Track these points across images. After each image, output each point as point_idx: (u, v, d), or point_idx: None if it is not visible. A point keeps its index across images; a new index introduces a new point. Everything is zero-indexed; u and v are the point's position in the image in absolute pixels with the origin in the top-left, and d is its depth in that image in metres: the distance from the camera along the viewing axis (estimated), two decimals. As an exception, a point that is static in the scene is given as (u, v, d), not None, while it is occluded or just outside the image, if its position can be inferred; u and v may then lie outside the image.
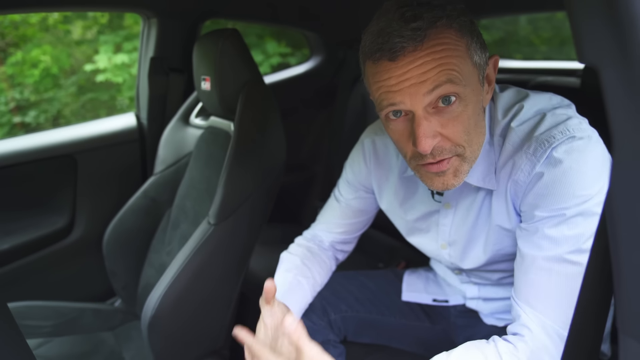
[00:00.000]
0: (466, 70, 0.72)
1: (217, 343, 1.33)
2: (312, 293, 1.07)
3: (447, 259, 1.01)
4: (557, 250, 0.72)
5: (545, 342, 0.70)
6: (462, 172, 0.79)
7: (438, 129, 0.73)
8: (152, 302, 1.17)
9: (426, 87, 0.70)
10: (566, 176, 0.73)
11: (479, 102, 0.76)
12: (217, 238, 1.21)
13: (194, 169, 1.51)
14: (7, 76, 5.14)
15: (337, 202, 1.14)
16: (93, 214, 1.72)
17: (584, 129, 0.76)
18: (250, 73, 1.29)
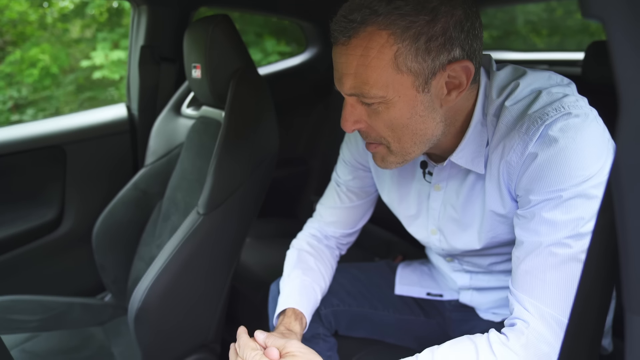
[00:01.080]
0: (386, 81, 0.70)
1: (207, 337, 1.29)
2: (320, 299, 1.05)
3: (437, 244, 0.98)
4: (555, 235, 0.68)
5: (543, 330, 0.67)
6: (390, 162, 0.80)
7: (364, 117, 0.76)
8: (139, 294, 1.14)
9: (346, 87, 0.74)
10: (562, 156, 0.68)
11: (413, 106, 0.73)
12: (206, 228, 1.17)
13: (186, 159, 1.47)
14: (5, 74, 5.12)
15: (337, 186, 1.11)
16: (82, 206, 1.68)
17: (581, 106, 0.72)
18: (241, 60, 1.25)
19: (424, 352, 0.72)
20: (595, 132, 0.70)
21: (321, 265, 1.05)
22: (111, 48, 5.05)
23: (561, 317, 0.66)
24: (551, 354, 0.66)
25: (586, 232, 0.67)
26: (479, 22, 0.72)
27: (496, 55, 1.96)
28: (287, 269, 1.04)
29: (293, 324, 0.91)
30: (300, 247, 1.08)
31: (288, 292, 0.97)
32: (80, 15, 5.43)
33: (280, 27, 5.69)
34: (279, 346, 0.77)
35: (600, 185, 0.67)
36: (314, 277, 1.01)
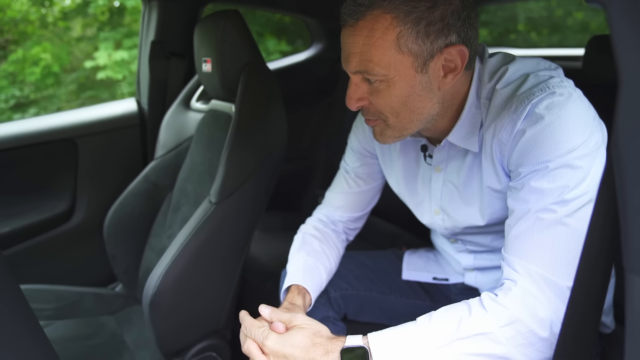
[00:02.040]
0: (389, 60, 0.76)
1: (218, 323, 1.33)
2: (327, 280, 1.08)
3: (441, 224, 1.02)
4: (542, 202, 0.73)
5: (530, 286, 0.71)
6: (388, 136, 0.87)
7: (367, 95, 0.82)
8: (153, 281, 1.17)
9: (352, 66, 0.79)
10: (547, 131, 0.74)
11: (412, 86, 0.79)
12: (218, 217, 1.20)
13: (195, 152, 1.50)
14: (7, 73, 5.13)
15: (346, 173, 1.15)
16: (94, 198, 1.71)
17: (565, 86, 0.77)
18: (251, 54, 1.29)
19: (423, 315, 0.77)
20: (579, 109, 0.75)
21: (326, 247, 1.09)
22: (114, 48, 5.08)
23: (547, 274, 0.71)
24: (537, 306, 0.70)
25: (570, 198, 0.72)
26: (475, 13, 0.80)
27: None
28: (292, 251, 1.09)
29: (296, 298, 0.95)
30: (306, 230, 1.13)
31: (292, 271, 1.02)
32: (81, 13, 5.44)
33: (281, 27, 5.72)
34: (284, 320, 0.81)
35: (584, 156, 0.72)
36: (317, 258, 1.05)
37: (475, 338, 0.70)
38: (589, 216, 0.70)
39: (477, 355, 0.70)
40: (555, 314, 0.70)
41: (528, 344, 0.70)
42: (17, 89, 5.13)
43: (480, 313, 0.72)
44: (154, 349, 1.37)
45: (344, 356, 0.75)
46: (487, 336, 0.70)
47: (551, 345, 0.71)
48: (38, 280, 1.61)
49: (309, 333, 0.78)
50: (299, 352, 0.76)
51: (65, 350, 1.31)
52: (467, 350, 0.70)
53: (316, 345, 0.76)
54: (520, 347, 0.70)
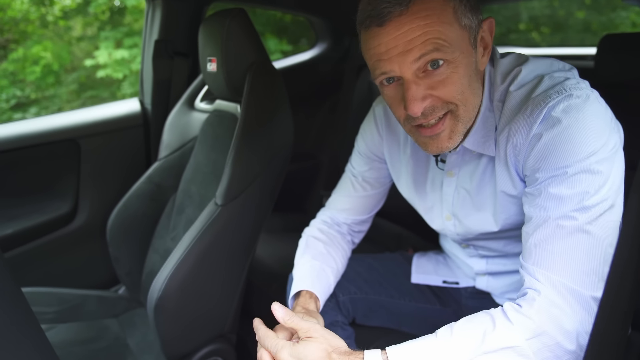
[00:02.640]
0: (453, 35, 0.72)
1: (224, 327, 1.31)
2: (335, 282, 1.06)
3: (453, 230, 1.00)
4: (561, 209, 0.71)
5: (553, 296, 0.69)
6: (457, 133, 0.80)
7: (428, 91, 0.75)
8: (158, 284, 1.15)
9: (413, 55, 0.72)
10: (565, 135, 0.72)
11: (470, 64, 0.76)
12: (224, 219, 1.18)
13: (200, 153, 1.48)
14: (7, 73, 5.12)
15: (353, 177, 1.13)
16: (97, 199, 1.70)
17: (582, 88, 0.75)
18: (257, 53, 1.27)
19: (442, 328, 0.74)
20: (597, 111, 0.73)
21: (331, 249, 1.06)
22: (114, 47, 5.06)
23: (570, 284, 0.69)
24: (563, 317, 0.68)
25: (591, 205, 0.69)
26: None
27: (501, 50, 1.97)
28: (297, 256, 1.07)
29: (308, 301, 0.93)
30: (310, 233, 1.11)
31: (299, 277, 0.99)
32: (82, 13, 5.43)
33: (282, 26, 5.71)
34: (303, 329, 0.78)
35: (603, 161, 0.70)
36: (323, 260, 1.03)
37: (502, 352, 0.68)
38: (611, 222, 0.68)
39: None
40: (581, 325, 0.68)
41: (554, 357, 0.68)
42: (18, 88, 5.11)
43: (506, 325, 0.69)
44: (158, 352, 1.35)
45: None
46: (514, 350, 0.68)
47: (577, 358, 0.68)
48: (40, 283, 1.59)
49: (325, 347, 0.75)
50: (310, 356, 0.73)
51: (67, 355, 1.29)
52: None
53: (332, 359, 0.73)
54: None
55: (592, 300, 0.68)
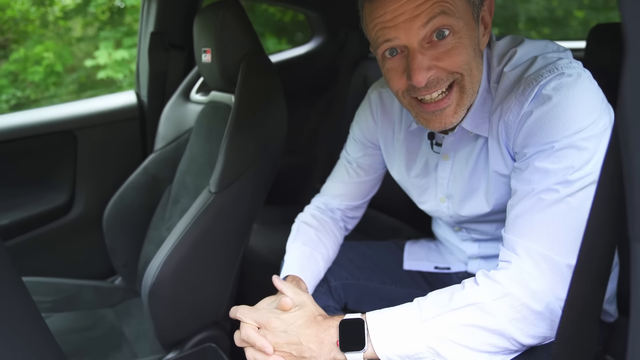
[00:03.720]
0: (459, 5, 0.73)
1: (217, 314, 1.32)
2: (325, 268, 1.08)
3: (446, 212, 1.01)
4: (546, 182, 0.72)
5: (527, 265, 0.71)
6: (462, 106, 0.80)
7: (433, 62, 0.75)
8: (152, 271, 1.16)
9: (420, 21, 0.72)
10: (555, 111, 0.73)
11: (474, 37, 0.77)
12: (217, 206, 1.20)
13: (195, 144, 1.50)
14: (8, 72, 5.12)
15: (348, 163, 1.14)
16: (93, 191, 1.71)
17: (574, 67, 0.76)
18: (251, 44, 1.28)
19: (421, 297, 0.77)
20: (588, 90, 0.74)
21: (322, 235, 1.08)
22: (114, 47, 5.07)
23: (545, 250, 0.70)
24: (531, 280, 0.69)
25: (574, 179, 0.70)
26: None
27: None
28: (289, 242, 1.08)
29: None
30: (302, 219, 1.12)
31: (289, 262, 1.01)
32: (82, 13, 5.43)
33: (282, 26, 5.72)
34: (295, 298, 0.83)
35: (590, 138, 0.71)
36: (314, 247, 1.04)
37: (467, 308, 0.70)
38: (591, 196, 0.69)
39: (471, 326, 0.70)
40: (550, 288, 0.69)
41: (522, 317, 0.70)
42: (18, 89, 5.12)
43: (473, 287, 0.72)
44: (153, 340, 1.36)
45: (341, 327, 0.75)
46: (478, 306, 0.70)
47: (547, 320, 0.70)
48: (37, 273, 1.60)
49: (309, 311, 0.80)
50: (298, 328, 0.77)
51: (65, 342, 1.30)
52: (460, 321, 0.70)
53: (317, 322, 0.78)
54: (514, 321, 0.69)
55: (565, 268, 0.69)
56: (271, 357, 0.78)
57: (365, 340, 0.73)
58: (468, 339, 0.70)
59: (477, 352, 0.70)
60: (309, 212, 1.14)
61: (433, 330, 0.71)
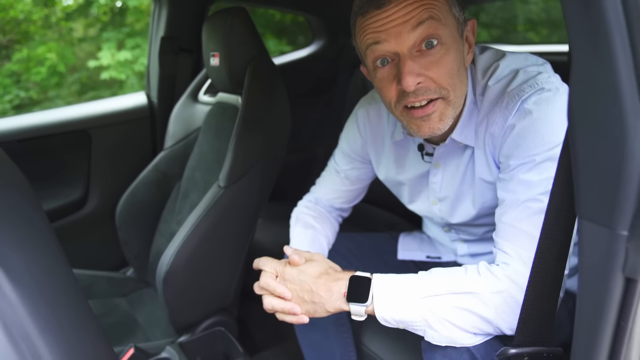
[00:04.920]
0: (446, 15, 0.81)
1: (226, 301, 1.41)
2: (328, 248, 1.17)
3: (438, 214, 1.09)
4: (529, 193, 0.79)
5: (520, 267, 0.78)
6: (447, 117, 0.86)
7: (422, 71, 0.81)
8: (166, 259, 1.25)
9: (410, 25, 0.78)
10: (535, 126, 0.81)
11: (459, 51, 0.84)
12: (226, 200, 1.29)
13: (204, 142, 1.59)
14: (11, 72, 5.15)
15: (337, 172, 1.22)
16: (106, 186, 1.80)
17: (553, 82, 0.84)
18: (257, 48, 1.37)
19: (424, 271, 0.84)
20: (564, 104, 0.79)
21: (321, 221, 1.17)
22: (117, 48, 5.12)
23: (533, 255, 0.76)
24: (523, 281, 0.76)
25: None
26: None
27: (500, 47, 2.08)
28: (291, 230, 1.17)
29: None
30: (298, 210, 1.22)
31: (295, 245, 1.10)
32: (84, 14, 5.48)
33: (282, 27, 5.79)
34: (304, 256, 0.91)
35: None
36: (315, 230, 1.14)
37: (465, 295, 0.77)
38: None
39: (465, 310, 0.77)
40: None
41: (511, 312, 0.77)
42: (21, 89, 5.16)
43: (475, 276, 0.79)
44: (165, 326, 1.45)
45: (351, 281, 0.84)
46: (477, 296, 0.77)
47: None
48: (53, 265, 1.68)
49: (323, 265, 0.88)
50: (311, 278, 0.86)
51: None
52: (457, 304, 0.77)
53: (328, 274, 0.87)
54: (503, 314, 0.77)
55: None
56: (287, 302, 0.87)
57: (368, 297, 0.81)
58: (459, 320, 0.78)
59: (463, 331, 0.78)
60: (303, 205, 1.24)
61: (430, 306, 0.78)
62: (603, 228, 0.47)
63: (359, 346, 1.22)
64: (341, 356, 1.20)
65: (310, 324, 1.17)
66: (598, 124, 0.46)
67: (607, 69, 0.44)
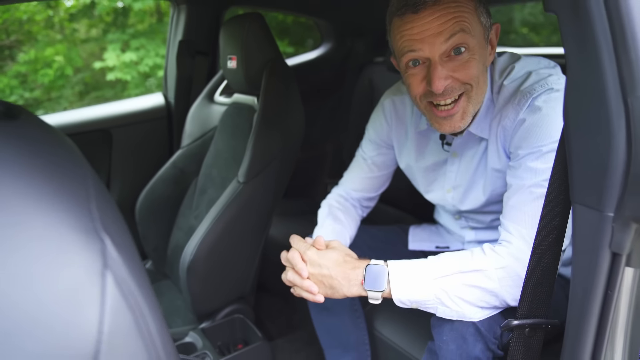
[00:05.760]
0: (475, 25, 0.90)
1: (244, 290, 1.49)
2: (349, 243, 1.26)
3: (450, 201, 1.18)
4: (535, 179, 0.89)
5: (522, 246, 0.87)
6: (468, 114, 0.97)
7: (450, 73, 0.91)
8: (189, 249, 1.34)
9: (443, 37, 0.87)
10: (543, 120, 0.91)
11: (484, 55, 0.94)
12: (246, 195, 1.37)
13: (220, 140, 1.67)
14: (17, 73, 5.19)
15: (364, 160, 1.31)
16: (126, 183, 1.88)
17: (561, 83, 0.94)
18: (273, 52, 1.45)
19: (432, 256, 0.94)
20: None
21: (348, 217, 1.26)
22: (121, 48, 5.17)
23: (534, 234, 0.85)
24: (524, 257, 0.85)
25: None
26: None
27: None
28: (320, 219, 1.25)
29: None
30: (329, 203, 1.30)
31: (323, 234, 1.18)
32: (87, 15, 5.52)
33: (284, 28, 5.85)
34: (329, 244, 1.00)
35: None
36: (342, 225, 1.22)
37: (473, 273, 0.87)
38: None
39: (473, 286, 0.87)
40: None
41: (514, 284, 0.86)
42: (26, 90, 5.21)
43: (480, 256, 0.89)
44: (184, 314, 1.53)
45: (367, 270, 0.93)
46: (483, 273, 0.87)
47: None
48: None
49: (342, 253, 0.97)
50: (331, 264, 0.94)
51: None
52: (465, 281, 0.87)
53: (346, 262, 0.95)
54: (507, 287, 0.87)
55: None
56: (305, 280, 0.95)
57: (384, 283, 0.91)
58: (469, 295, 0.87)
59: (473, 306, 0.88)
60: (334, 198, 1.32)
61: (442, 285, 0.88)
62: (593, 211, 0.55)
63: (372, 331, 1.31)
64: (356, 340, 1.28)
65: (326, 311, 1.27)
66: (588, 122, 0.55)
67: (596, 77, 0.53)
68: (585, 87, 0.54)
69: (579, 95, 0.56)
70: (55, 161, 0.38)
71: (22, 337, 0.27)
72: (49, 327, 0.28)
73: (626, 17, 0.49)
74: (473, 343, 0.88)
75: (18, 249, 0.29)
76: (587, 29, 0.53)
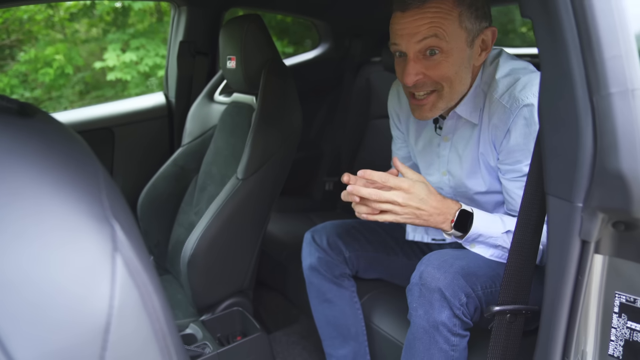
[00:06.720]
0: (452, 32, 0.97)
1: (243, 283, 1.54)
2: None
3: (447, 183, 1.23)
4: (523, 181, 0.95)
5: None
6: (438, 108, 1.06)
7: (423, 70, 1.00)
8: (190, 244, 1.38)
9: (417, 38, 0.97)
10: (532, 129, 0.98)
11: (462, 58, 1.00)
12: (244, 191, 1.42)
13: (220, 138, 1.71)
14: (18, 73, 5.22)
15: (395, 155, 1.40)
16: (128, 180, 1.93)
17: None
18: (271, 52, 1.49)
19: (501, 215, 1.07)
20: None
21: None
22: (122, 48, 5.20)
23: None
24: None
25: None
26: None
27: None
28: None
29: None
30: None
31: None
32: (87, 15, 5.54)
33: (283, 28, 5.89)
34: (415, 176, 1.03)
35: None
36: None
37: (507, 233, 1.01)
38: None
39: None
40: None
41: None
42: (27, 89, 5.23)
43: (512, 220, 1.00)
44: (185, 308, 1.58)
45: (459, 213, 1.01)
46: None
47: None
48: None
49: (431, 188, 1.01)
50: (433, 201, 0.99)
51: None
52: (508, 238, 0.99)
53: (445, 199, 1.02)
54: None
55: None
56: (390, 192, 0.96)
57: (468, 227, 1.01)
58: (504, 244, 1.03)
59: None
60: None
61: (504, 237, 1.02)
62: (564, 201, 0.59)
63: (369, 324, 1.35)
64: (355, 331, 1.33)
65: (327, 302, 1.32)
66: (560, 120, 0.59)
67: (566, 77, 0.57)
68: (557, 86, 0.59)
69: (551, 94, 0.60)
70: (69, 155, 0.42)
71: (48, 309, 0.32)
72: (68, 301, 0.32)
73: (591, 21, 0.53)
74: (439, 309, 0.97)
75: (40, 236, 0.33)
76: (557, 33, 0.57)
